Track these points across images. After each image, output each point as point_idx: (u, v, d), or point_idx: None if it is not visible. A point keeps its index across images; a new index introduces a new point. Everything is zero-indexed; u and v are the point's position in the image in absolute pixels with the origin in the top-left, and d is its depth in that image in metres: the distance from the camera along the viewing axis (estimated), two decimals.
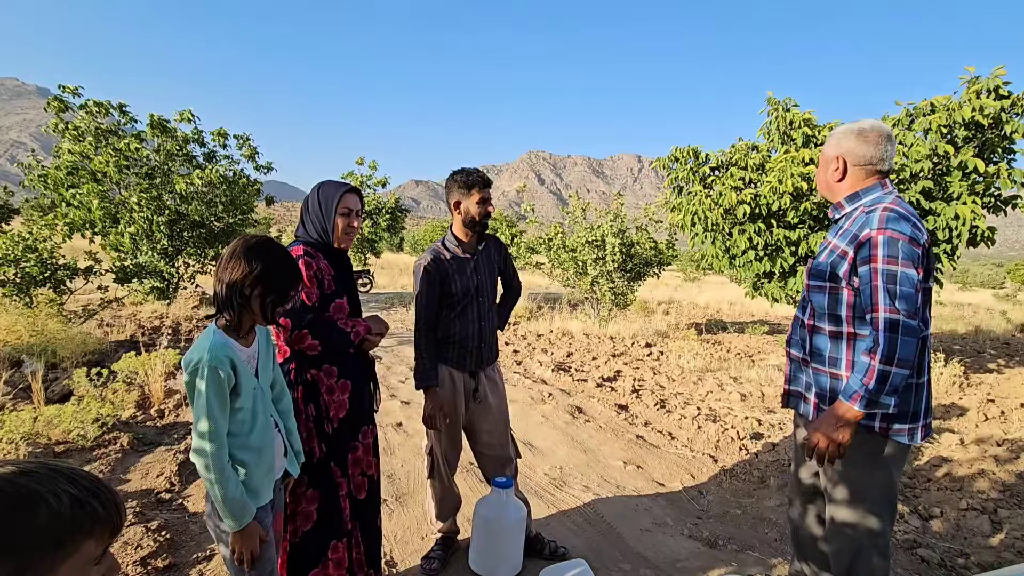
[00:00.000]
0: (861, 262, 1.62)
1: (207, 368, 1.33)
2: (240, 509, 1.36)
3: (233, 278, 1.39)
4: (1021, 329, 12.62)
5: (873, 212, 1.65)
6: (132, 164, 9.17)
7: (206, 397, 1.33)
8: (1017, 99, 5.21)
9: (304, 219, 1.87)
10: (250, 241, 1.44)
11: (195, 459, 1.35)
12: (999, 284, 42.04)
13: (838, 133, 1.79)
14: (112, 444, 3.57)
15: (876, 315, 1.56)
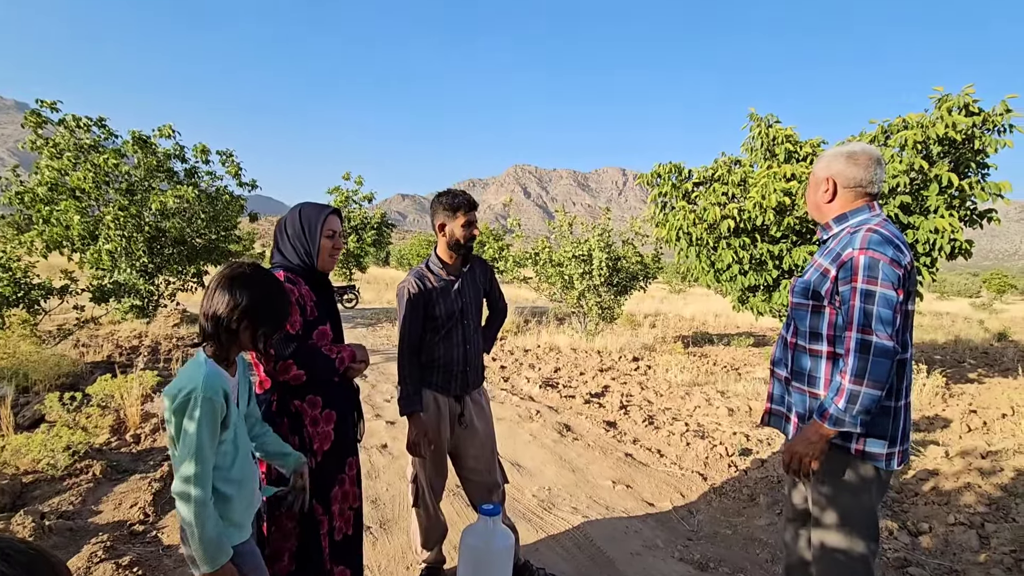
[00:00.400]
0: (843, 282, 1.63)
1: (201, 398, 1.26)
2: (216, 550, 1.29)
3: (217, 311, 1.33)
4: (998, 338, 12.87)
5: (857, 233, 1.67)
6: (112, 180, 9.02)
7: (197, 431, 1.25)
8: (988, 115, 5.35)
9: (281, 243, 1.81)
10: (235, 271, 1.37)
11: (178, 494, 1.28)
12: (975, 293, 43.01)
13: (828, 155, 1.81)
14: (84, 473, 3.43)
15: (850, 334, 1.57)
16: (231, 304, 1.33)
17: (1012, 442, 4.67)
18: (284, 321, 1.42)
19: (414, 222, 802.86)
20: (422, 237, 51.36)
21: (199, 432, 1.26)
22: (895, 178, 5.58)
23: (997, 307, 28.37)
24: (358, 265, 19.64)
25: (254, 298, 1.35)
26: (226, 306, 1.33)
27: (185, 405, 1.27)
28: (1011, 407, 5.83)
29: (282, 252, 1.81)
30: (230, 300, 1.33)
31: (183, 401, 1.27)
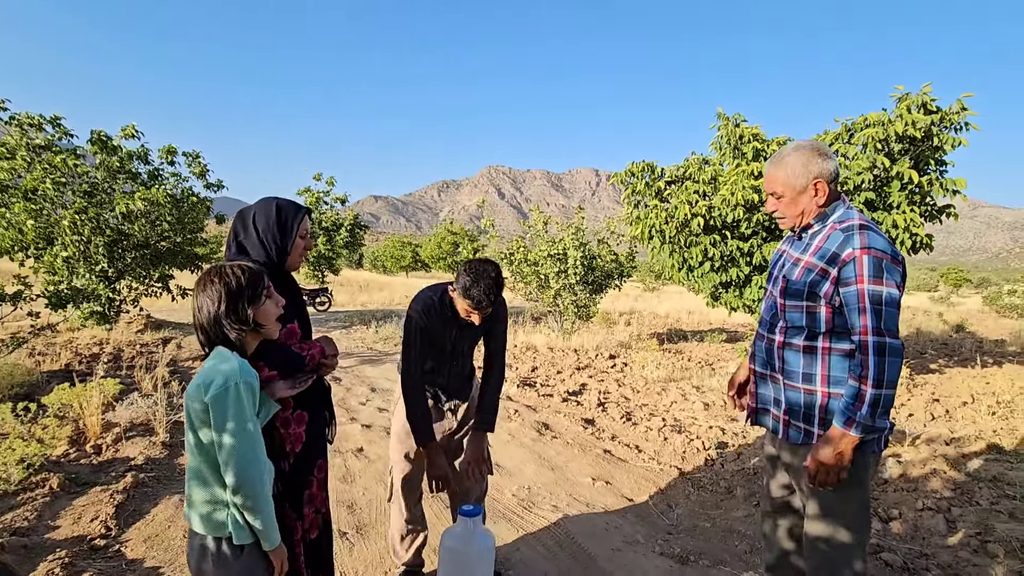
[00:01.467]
0: (845, 282, 1.60)
1: (242, 382, 1.29)
2: (276, 524, 1.37)
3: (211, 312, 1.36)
4: (956, 330, 13.40)
5: (851, 230, 1.64)
6: (70, 182, 8.63)
7: (248, 410, 1.29)
8: (945, 113, 5.54)
9: (245, 237, 1.70)
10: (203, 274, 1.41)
11: (241, 481, 1.28)
12: (934, 287, 44.76)
13: (800, 160, 1.72)
14: (40, 487, 3.25)
15: (865, 338, 1.56)
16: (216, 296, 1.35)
17: (973, 428, 4.85)
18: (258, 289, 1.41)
19: (387, 224, 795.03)
20: (396, 239, 50.83)
21: (247, 416, 1.29)
22: (859, 175, 5.75)
23: (954, 300, 29.60)
24: (330, 268, 19.30)
25: (229, 282, 1.36)
26: (214, 300, 1.35)
27: (225, 395, 1.26)
28: (971, 395, 6.06)
29: (244, 247, 1.70)
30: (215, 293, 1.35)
31: (221, 392, 1.27)
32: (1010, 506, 3.23)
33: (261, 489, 1.31)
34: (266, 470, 1.35)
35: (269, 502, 1.34)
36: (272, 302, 1.45)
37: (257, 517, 1.31)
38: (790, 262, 1.80)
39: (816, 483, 1.65)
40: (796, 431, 1.79)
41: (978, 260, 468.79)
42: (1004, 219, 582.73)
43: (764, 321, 1.89)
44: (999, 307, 20.92)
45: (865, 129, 5.77)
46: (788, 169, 1.74)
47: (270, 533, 1.35)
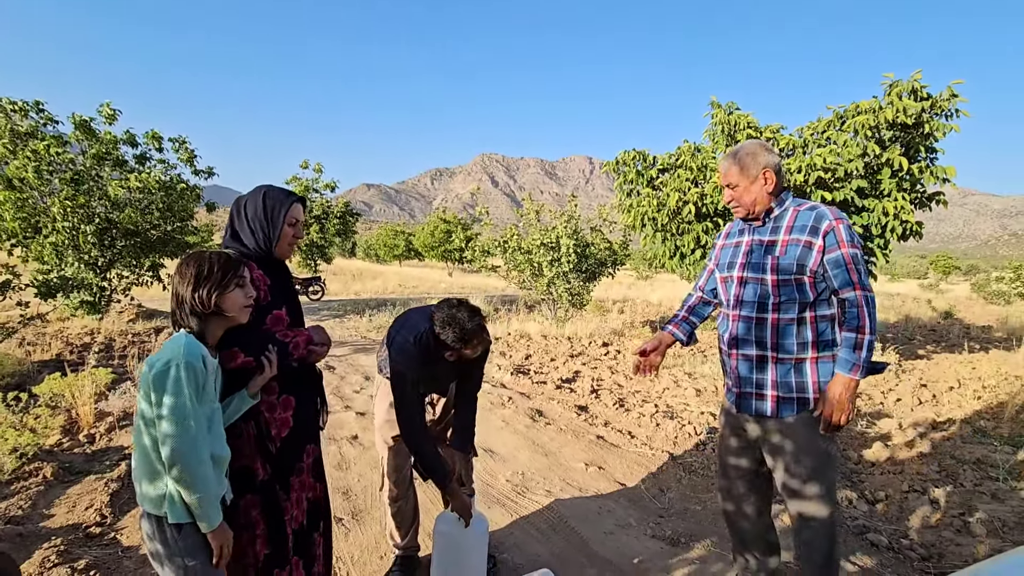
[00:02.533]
0: (830, 249, 1.83)
1: (183, 363, 1.32)
2: (216, 510, 1.38)
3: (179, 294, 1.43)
4: (944, 316, 13.57)
5: (816, 208, 1.90)
6: (55, 169, 8.50)
7: (182, 395, 1.30)
8: (936, 100, 5.56)
9: (239, 225, 1.72)
10: (183, 258, 1.48)
11: (172, 459, 1.30)
12: (923, 275, 45.20)
13: (749, 153, 1.96)
14: (33, 476, 3.25)
15: (857, 293, 1.79)
16: (186, 280, 1.41)
17: (959, 412, 4.94)
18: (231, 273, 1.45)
19: (380, 212, 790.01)
20: (389, 228, 50.54)
21: (185, 395, 1.30)
22: (851, 163, 5.77)
23: (943, 287, 29.93)
24: (323, 256, 19.19)
25: (202, 267, 1.42)
26: (184, 283, 1.41)
27: (166, 373, 1.31)
28: (957, 380, 6.16)
29: (238, 234, 1.72)
30: (187, 276, 1.42)
31: (162, 370, 1.31)
32: (993, 487, 3.31)
33: (197, 467, 1.31)
34: (203, 449, 1.34)
35: (206, 482, 1.33)
36: (242, 292, 1.48)
37: (192, 495, 1.32)
38: (762, 246, 1.95)
39: (828, 429, 1.82)
40: (789, 405, 1.89)
41: (967, 248, 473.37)
42: (993, 207, 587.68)
43: (749, 303, 1.95)
44: (986, 294, 21.19)
45: (856, 116, 5.79)
46: (741, 163, 1.96)
47: (206, 513, 1.34)
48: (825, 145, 6.04)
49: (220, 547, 1.39)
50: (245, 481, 1.60)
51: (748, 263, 1.98)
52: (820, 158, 5.70)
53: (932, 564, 2.57)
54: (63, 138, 8.68)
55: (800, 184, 5.85)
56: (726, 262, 2.09)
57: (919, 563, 2.58)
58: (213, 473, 1.37)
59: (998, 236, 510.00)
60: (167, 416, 1.29)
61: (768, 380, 1.91)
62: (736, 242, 2.08)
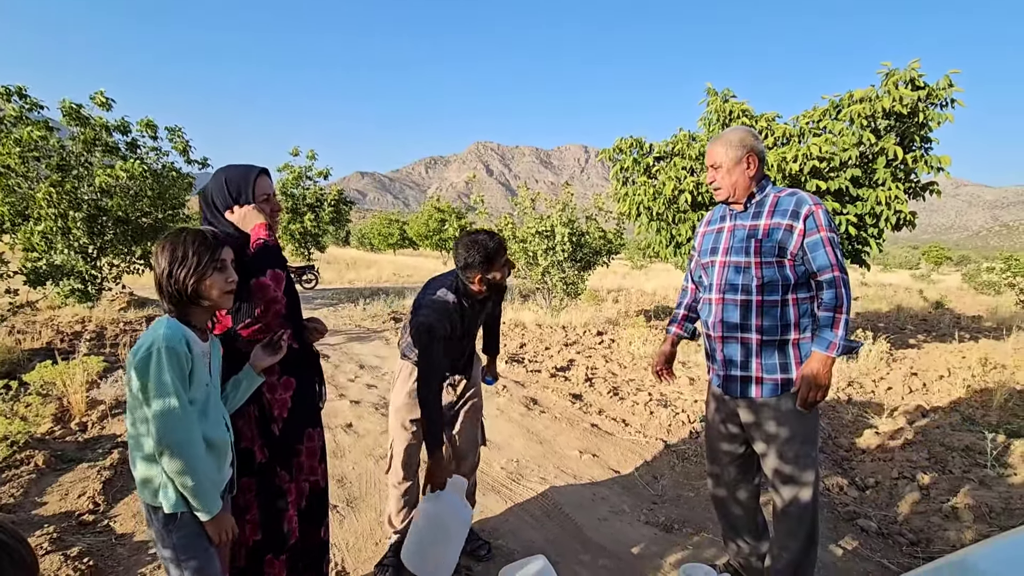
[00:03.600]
0: (810, 232, 1.88)
1: (164, 348, 1.28)
2: (213, 496, 1.35)
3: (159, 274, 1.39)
4: (935, 306, 13.68)
5: (796, 194, 1.96)
6: (42, 155, 8.36)
7: (165, 379, 1.27)
8: (932, 89, 5.55)
9: (211, 218, 1.65)
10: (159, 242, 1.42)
11: (162, 446, 1.27)
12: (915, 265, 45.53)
13: (735, 137, 2.01)
14: (25, 464, 3.23)
15: (835, 275, 1.85)
16: (163, 261, 1.37)
17: (948, 401, 4.99)
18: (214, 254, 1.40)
19: (374, 200, 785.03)
20: (383, 216, 50.25)
21: (168, 380, 1.27)
22: (846, 151, 5.77)
23: (935, 278, 30.15)
24: (317, 245, 19.07)
25: (176, 250, 1.37)
26: (160, 265, 1.37)
27: (148, 359, 1.27)
28: (947, 369, 6.22)
29: (217, 225, 1.64)
30: (163, 258, 1.37)
31: (145, 356, 1.28)
32: (980, 474, 3.35)
33: (188, 452, 1.28)
34: (193, 433, 1.30)
35: (198, 467, 1.30)
36: (221, 276, 1.40)
37: (185, 481, 1.28)
38: (744, 230, 2.01)
39: (805, 405, 1.87)
40: (772, 386, 1.94)
41: (959, 238, 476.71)
42: (986, 198, 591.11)
43: (732, 286, 2.01)
44: (977, 284, 21.36)
45: (852, 105, 5.77)
46: (728, 145, 2.01)
47: (202, 501, 1.31)
48: (820, 134, 6.03)
49: (219, 534, 1.37)
50: (243, 464, 1.59)
51: (731, 247, 2.03)
52: (816, 147, 5.69)
53: (920, 549, 2.61)
54: (49, 123, 8.54)
55: (795, 173, 5.85)
56: (708, 247, 2.15)
57: (908, 548, 2.62)
58: (208, 458, 1.34)
59: (990, 227, 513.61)
60: (152, 402, 1.26)
61: (753, 362, 1.96)
62: (718, 228, 2.13)
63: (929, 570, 1.11)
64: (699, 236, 2.23)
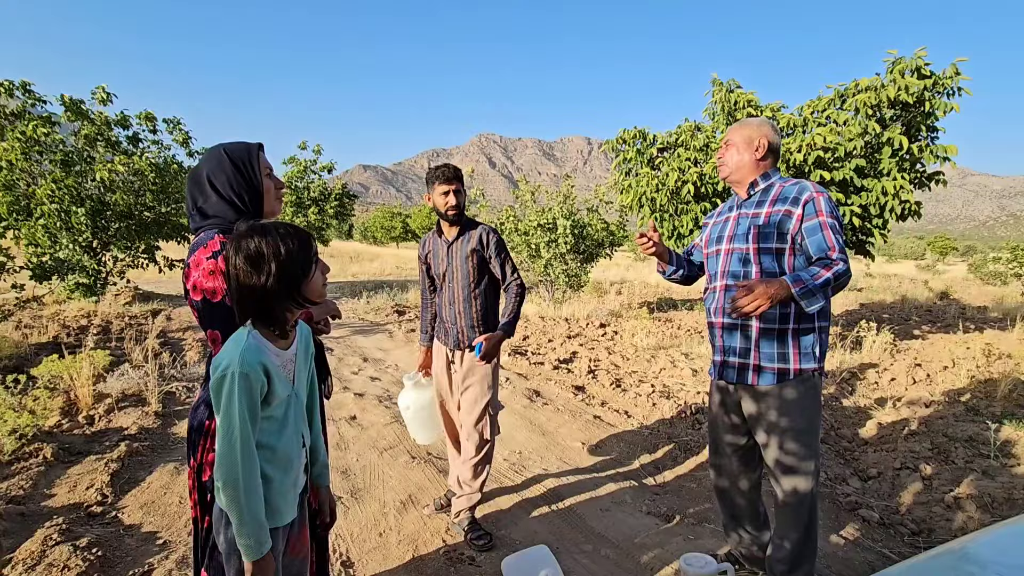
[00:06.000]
0: (808, 217, 1.88)
1: (237, 374, 1.17)
2: (258, 540, 1.21)
3: (254, 285, 1.19)
4: (941, 297, 13.61)
5: (801, 182, 1.96)
6: (44, 150, 8.39)
7: (232, 410, 1.17)
8: (939, 78, 5.49)
9: (205, 200, 1.51)
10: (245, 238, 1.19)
11: (216, 478, 1.18)
12: (921, 255, 45.25)
13: (753, 122, 2.06)
14: (33, 456, 3.27)
15: (834, 254, 1.82)
16: (267, 270, 1.18)
17: (952, 391, 4.98)
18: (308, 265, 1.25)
19: (377, 194, 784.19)
20: (385, 209, 50.25)
21: (236, 411, 1.17)
22: (851, 141, 5.72)
23: (940, 268, 29.99)
24: (320, 238, 19.09)
25: (279, 253, 1.19)
26: (264, 275, 1.18)
27: (221, 383, 1.18)
28: (951, 360, 6.20)
29: (211, 210, 1.51)
30: (265, 266, 1.18)
31: (219, 379, 1.18)
32: (984, 464, 3.35)
33: (238, 492, 1.17)
34: (249, 472, 1.19)
35: (245, 509, 1.18)
36: (319, 271, 1.28)
37: (231, 518, 1.19)
38: (748, 218, 2.03)
39: (735, 312, 1.74)
40: (769, 374, 1.95)
41: (966, 228, 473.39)
42: (993, 187, 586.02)
43: (734, 274, 2.03)
44: (983, 275, 21.24)
45: (857, 95, 5.72)
46: (745, 125, 2.07)
47: (245, 543, 1.19)
48: (825, 124, 5.99)
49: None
50: None
51: (735, 235, 2.06)
52: (820, 137, 5.65)
53: (922, 539, 2.62)
54: (52, 118, 8.56)
55: (799, 163, 5.81)
56: (714, 236, 2.17)
57: (909, 537, 2.63)
58: (254, 502, 1.21)
59: (996, 217, 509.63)
60: (218, 432, 1.19)
61: (751, 349, 1.98)
62: (725, 218, 2.16)
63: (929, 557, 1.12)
64: (708, 228, 2.25)
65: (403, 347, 7.04)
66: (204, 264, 1.43)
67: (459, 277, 2.56)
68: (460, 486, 2.61)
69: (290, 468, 1.34)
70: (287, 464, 1.33)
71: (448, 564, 2.38)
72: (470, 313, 2.56)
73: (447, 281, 2.60)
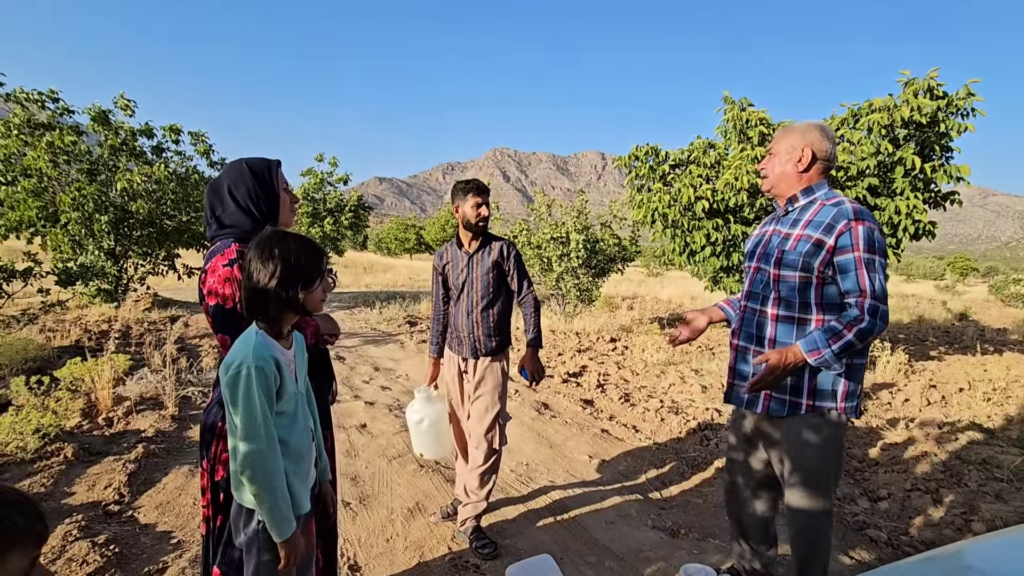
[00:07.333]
0: (841, 251, 1.70)
1: (253, 368, 1.24)
2: (288, 521, 1.32)
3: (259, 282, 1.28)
4: (959, 318, 13.38)
5: (841, 204, 1.75)
6: (71, 159, 8.68)
7: (256, 398, 1.24)
8: (952, 99, 5.50)
9: (223, 210, 1.60)
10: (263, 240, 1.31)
11: (242, 469, 1.26)
12: (940, 276, 44.49)
13: (801, 126, 1.85)
14: (55, 455, 3.37)
15: (863, 300, 1.66)
16: (271, 271, 1.27)
17: (967, 414, 4.91)
18: (315, 273, 1.34)
19: (392, 206, 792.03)
20: (400, 221, 50.77)
21: (257, 402, 1.25)
22: (863, 160, 5.73)
23: (960, 289, 29.47)
24: (335, 249, 19.36)
25: (288, 259, 1.28)
26: (268, 274, 1.27)
27: (236, 379, 1.25)
28: (968, 382, 6.11)
29: (228, 219, 1.59)
30: (271, 267, 1.27)
31: (234, 375, 1.25)
32: (997, 488, 3.31)
33: (266, 478, 1.26)
34: (273, 460, 1.28)
35: (277, 491, 1.28)
36: (323, 286, 1.36)
37: (262, 505, 1.27)
38: (779, 237, 1.86)
39: (757, 384, 1.74)
40: (779, 404, 1.83)
41: (987, 249, 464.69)
42: (1016, 208, 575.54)
43: (755, 295, 1.91)
44: (1004, 296, 20.84)
45: (871, 114, 5.74)
46: (789, 132, 1.88)
47: (277, 524, 1.29)
48: (839, 143, 6.01)
49: (288, 556, 1.34)
50: None
51: (764, 254, 1.89)
52: None
53: None
54: (79, 128, 8.86)
55: None
56: (749, 250, 2.03)
57: None
58: (283, 484, 1.30)
59: (1019, 238, 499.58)
60: (239, 424, 1.26)
61: None
62: (763, 231, 1.99)
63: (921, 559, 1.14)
64: (751, 238, 2.08)
65: (414, 357, 7.11)
66: (220, 271, 1.50)
67: (478, 288, 2.64)
68: (467, 495, 2.65)
69: (302, 460, 1.42)
70: (299, 457, 1.40)
71: (453, 571, 2.42)
72: (487, 323, 2.64)
73: (465, 291, 2.66)
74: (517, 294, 2.73)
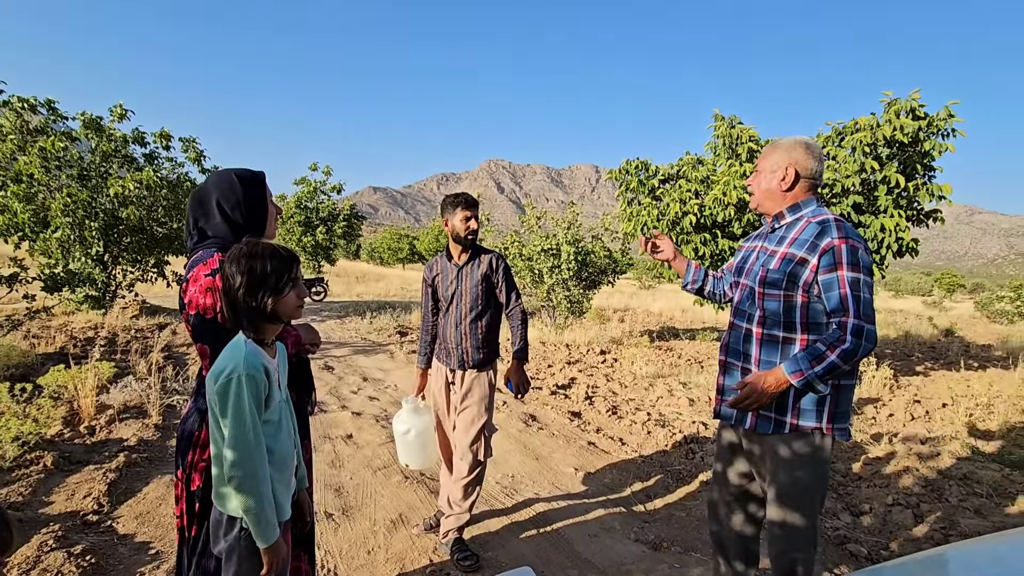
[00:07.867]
0: (825, 269, 1.68)
1: (244, 376, 1.26)
2: (274, 527, 1.34)
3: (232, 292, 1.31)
4: (945, 334, 13.54)
5: (827, 223, 1.73)
6: (63, 165, 8.65)
7: (247, 407, 1.26)
8: (932, 119, 5.62)
9: (209, 220, 1.59)
10: (233, 250, 1.34)
11: (231, 477, 1.27)
12: (928, 292, 45.00)
13: (786, 144, 1.84)
14: (34, 464, 3.33)
15: (846, 320, 1.64)
16: (240, 280, 1.29)
17: (950, 429, 4.96)
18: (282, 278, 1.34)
19: (385, 215, 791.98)
20: (393, 231, 50.77)
21: (246, 411, 1.27)
22: (848, 179, 5.83)
23: (947, 305, 29.81)
24: (327, 258, 19.33)
25: (254, 267, 1.30)
26: (237, 283, 1.29)
27: (227, 387, 1.26)
28: (951, 397, 6.18)
29: (212, 230, 1.59)
30: (239, 276, 1.29)
31: (224, 383, 1.26)
32: (977, 503, 3.35)
33: (255, 485, 1.28)
34: (261, 468, 1.30)
35: (264, 498, 1.30)
36: (295, 293, 1.37)
37: (249, 512, 1.29)
38: (765, 254, 1.86)
39: (735, 404, 1.76)
40: (766, 421, 1.82)
41: (973, 266, 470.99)
42: (1001, 226, 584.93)
43: (741, 312, 1.91)
44: (990, 313, 21.12)
45: (855, 133, 5.85)
46: (774, 149, 1.87)
47: (263, 531, 1.31)
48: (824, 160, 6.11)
49: (271, 563, 1.36)
50: None
51: (751, 270, 1.89)
52: None
53: None
54: (71, 134, 8.84)
55: None
56: (737, 266, 2.01)
57: None
58: (269, 490, 1.33)
59: (1004, 255, 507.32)
60: (229, 432, 1.27)
61: None
62: (751, 246, 1.99)
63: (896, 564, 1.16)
64: (739, 252, 2.07)
65: (403, 368, 7.09)
66: (202, 280, 1.50)
67: (467, 300, 2.67)
68: (450, 506, 2.65)
69: (285, 468, 1.43)
70: (283, 465, 1.42)
71: None
72: (475, 334, 2.67)
73: (455, 303, 2.69)
74: (505, 307, 2.77)
